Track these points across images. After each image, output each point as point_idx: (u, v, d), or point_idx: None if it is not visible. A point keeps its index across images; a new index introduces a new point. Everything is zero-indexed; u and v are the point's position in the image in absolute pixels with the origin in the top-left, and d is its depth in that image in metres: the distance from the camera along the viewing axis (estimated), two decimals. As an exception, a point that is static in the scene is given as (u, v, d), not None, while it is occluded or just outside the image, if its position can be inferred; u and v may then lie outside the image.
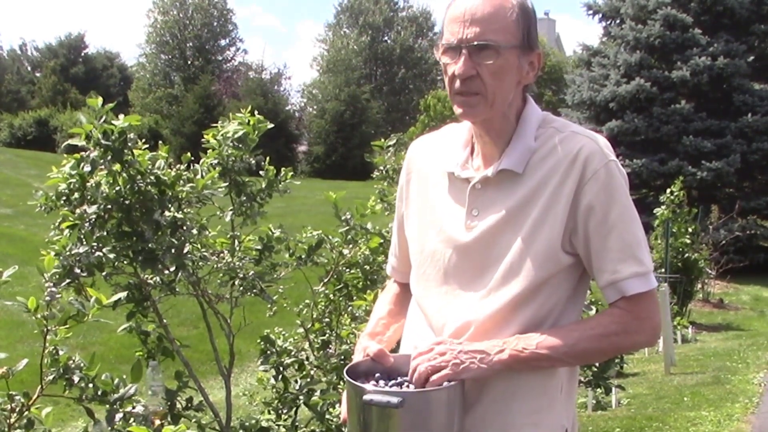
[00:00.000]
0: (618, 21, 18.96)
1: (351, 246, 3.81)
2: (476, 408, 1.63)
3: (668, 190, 10.96)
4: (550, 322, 1.63)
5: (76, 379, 2.56)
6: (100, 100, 2.91)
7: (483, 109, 1.62)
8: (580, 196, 1.58)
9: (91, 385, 2.59)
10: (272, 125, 3.42)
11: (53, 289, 2.33)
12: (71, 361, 2.54)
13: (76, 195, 3.02)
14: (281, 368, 3.78)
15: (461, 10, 1.60)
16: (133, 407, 2.60)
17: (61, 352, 2.50)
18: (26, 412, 2.44)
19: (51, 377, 2.50)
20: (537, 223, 1.59)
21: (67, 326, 2.36)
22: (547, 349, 1.57)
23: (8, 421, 2.41)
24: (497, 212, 1.63)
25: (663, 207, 10.88)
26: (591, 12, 19.41)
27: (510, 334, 1.60)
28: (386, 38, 45.07)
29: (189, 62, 43.24)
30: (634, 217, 1.61)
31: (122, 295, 3.02)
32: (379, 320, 1.86)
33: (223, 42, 44.61)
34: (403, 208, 1.84)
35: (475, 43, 1.58)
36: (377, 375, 1.63)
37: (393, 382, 1.60)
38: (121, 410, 2.59)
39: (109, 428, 2.54)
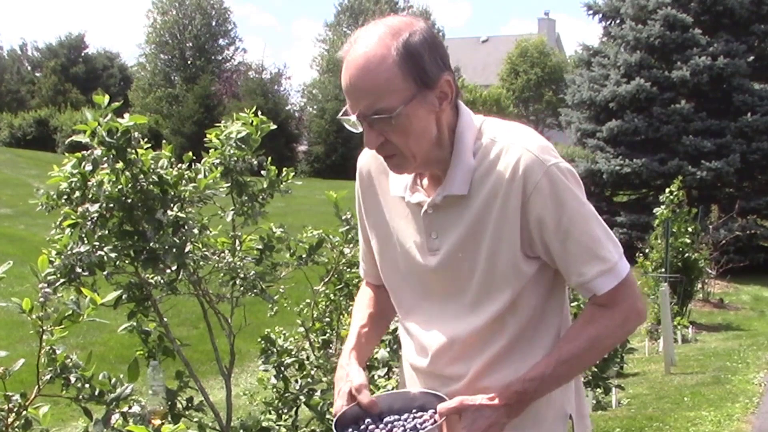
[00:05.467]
0: (618, 21, 18.96)
1: (351, 245, 3.81)
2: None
3: (668, 190, 10.95)
4: (535, 322, 1.65)
5: (72, 378, 2.55)
6: (107, 97, 2.91)
7: (409, 164, 1.60)
8: (527, 210, 1.57)
9: (87, 385, 2.59)
10: (275, 126, 3.42)
11: (47, 289, 2.33)
12: (68, 360, 2.53)
13: (78, 194, 3.02)
14: (282, 368, 3.78)
15: (346, 83, 1.54)
16: (130, 407, 2.60)
17: (58, 352, 2.50)
18: (24, 412, 2.44)
19: (48, 377, 2.50)
20: (494, 240, 1.59)
21: (63, 326, 2.36)
22: (552, 380, 1.59)
23: (6, 421, 2.41)
24: (455, 234, 1.63)
25: (663, 207, 10.88)
26: (591, 12, 19.39)
27: (501, 345, 1.64)
28: (386, 38, 45.02)
29: (189, 62, 43.20)
30: (587, 217, 1.59)
31: (119, 293, 3.02)
32: (360, 330, 1.83)
33: (222, 42, 44.58)
34: (364, 219, 1.82)
35: (370, 116, 1.53)
36: (367, 421, 1.62)
37: (383, 426, 1.60)
38: (117, 410, 2.58)
39: (107, 428, 2.54)
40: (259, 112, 3.42)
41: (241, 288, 3.42)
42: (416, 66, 1.52)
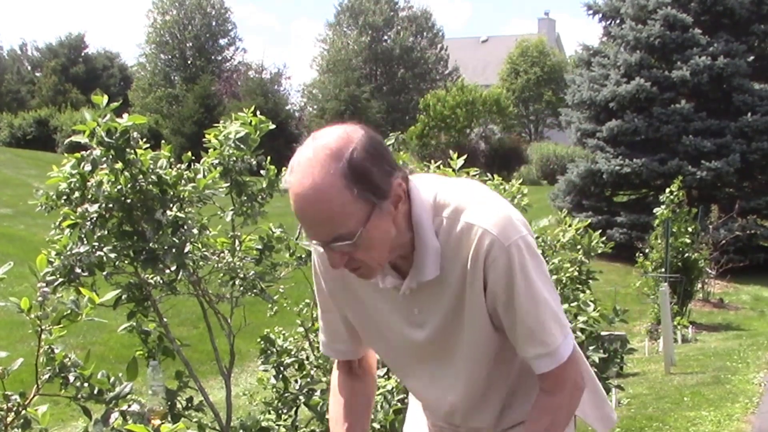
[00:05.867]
0: (618, 21, 18.95)
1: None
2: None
3: (668, 190, 10.96)
4: (525, 377, 1.73)
5: (71, 378, 2.55)
6: (105, 97, 2.91)
7: (375, 272, 1.59)
8: (486, 283, 1.59)
9: (86, 384, 2.59)
10: (274, 126, 3.42)
11: (45, 289, 2.33)
12: (67, 360, 2.53)
13: (77, 194, 3.03)
14: (281, 368, 3.78)
15: (298, 215, 1.49)
16: (129, 406, 2.60)
17: (57, 351, 2.50)
18: (23, 412, 2.44)
19: (47, 376, 2.50)
20: (471, 314, 1.63)
21: (61, 326, 2.36)
22: None
23: (5, 420, 2.41)
24: (438, 311, 1.66)
25: (663, 207, 10.88)
26: (591, 12, 19.38)
27: (504, 394, 1.76)
28: (386, 38, 45.03)
29: (189, 62, 43.22)
30: (536, 299, 1.59)
31: (117, 292, 3.01)
32: None
33: (222, 42, 44.60)
34: (337, 297, 1.79)
35: (330, 243, 1.50)
36: None
37: None
38: (116, 409, 2.58)
39: (107, 427, 2.53)
40: (259, 112, 3.42)
41: (241, 288, 3.43)
42: (366, 184, 1.46)
